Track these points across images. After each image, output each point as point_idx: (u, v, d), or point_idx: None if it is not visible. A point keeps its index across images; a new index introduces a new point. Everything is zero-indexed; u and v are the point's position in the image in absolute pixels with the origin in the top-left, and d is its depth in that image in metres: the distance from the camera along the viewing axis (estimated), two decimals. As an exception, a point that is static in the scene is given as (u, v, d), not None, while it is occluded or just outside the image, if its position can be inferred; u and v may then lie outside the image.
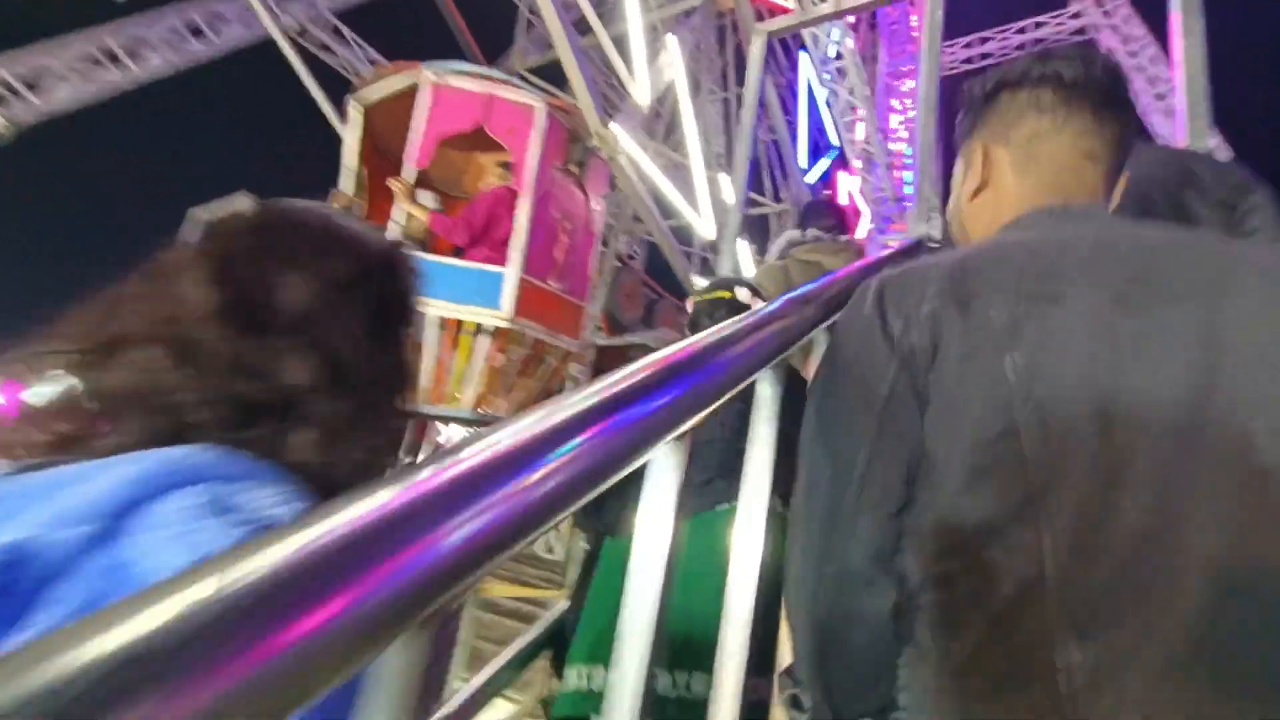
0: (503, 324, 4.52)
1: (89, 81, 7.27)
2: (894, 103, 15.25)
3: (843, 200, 11.42)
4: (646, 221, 5.16)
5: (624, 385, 0.43)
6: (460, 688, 1.80)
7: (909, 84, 15.10)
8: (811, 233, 2.46)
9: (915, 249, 2.09)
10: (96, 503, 0.38)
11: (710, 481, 1.47)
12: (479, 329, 4.59)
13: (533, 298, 4.68)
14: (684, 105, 5.07)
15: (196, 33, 7.97)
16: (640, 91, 4.95)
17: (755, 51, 4.09)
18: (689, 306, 2.03)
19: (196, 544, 0.38)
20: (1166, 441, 0.57)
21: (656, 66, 5.09)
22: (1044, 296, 0.63)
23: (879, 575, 0.66)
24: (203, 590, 0.19)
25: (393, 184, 4.44)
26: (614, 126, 4.56)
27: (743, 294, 1.94)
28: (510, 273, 4.49)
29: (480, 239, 4.54)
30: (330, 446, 0.52)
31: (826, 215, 2.56)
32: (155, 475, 0.40)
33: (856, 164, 13.69)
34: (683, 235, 5.78)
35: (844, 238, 2.44)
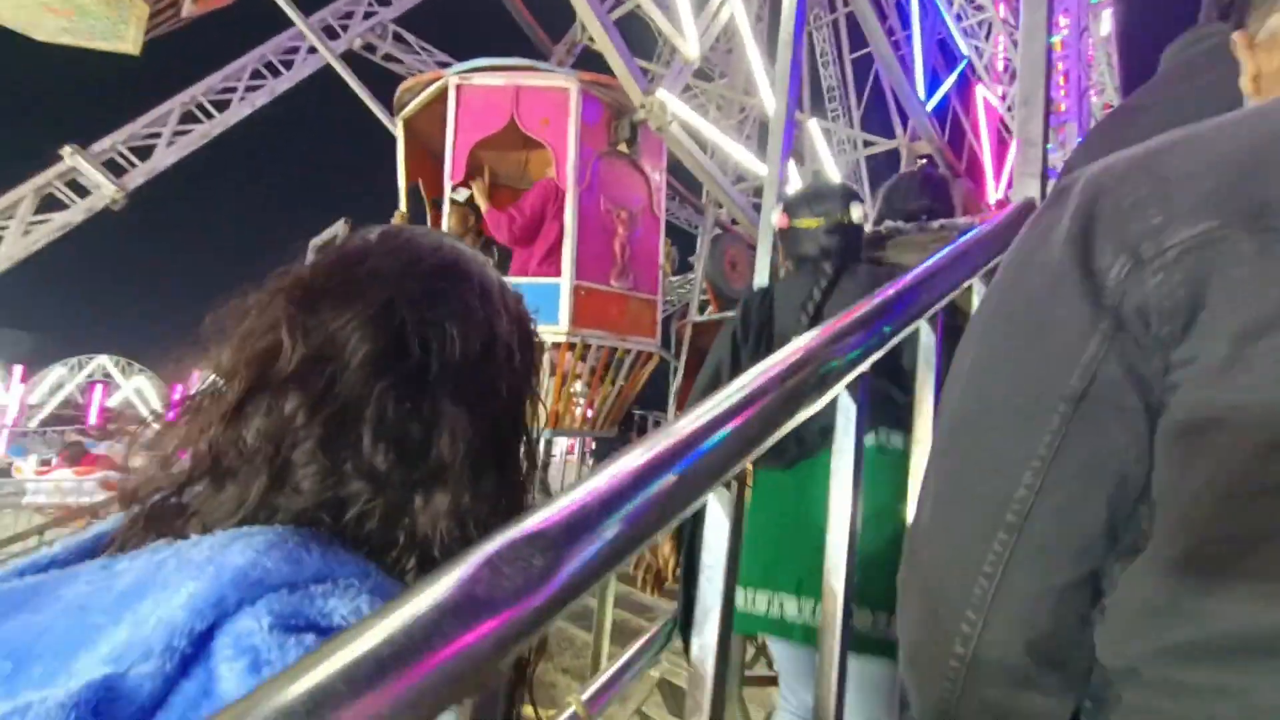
0: (561, 339, 4.08)
1: (185, 138, 7.71)
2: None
3: (981, 116, 9.64)
4: (711, 190, 4.42)
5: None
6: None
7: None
8: (888, 226, 1.64)
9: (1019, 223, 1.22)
10: (173, 630, 0.38)
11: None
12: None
13: (593, 303, 4.24)
14: (749, 48, 4.22)
15: (272, 70, 8.20)
16: (690, 44, 4.18)
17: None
18: (781, 221, 1.58)
19: (264, 666, 0.37)
20: None
21: (708, 10, 4.27)
22: None
23: (1044, 672, 0.43)
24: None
25: (472, 189, 4.03)
26: (661, 93, 3.86)
27: (857, 213, 1.52)
28: (564, 282, 4.05)
29: (530, 238, 4.06)
30: (459, 528, 0.47)
31: (916, 195, 1.74)
32: (224, 597, 0.39)
33: (985, 75, 11.66)
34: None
35: (936, 223, 1.61)
